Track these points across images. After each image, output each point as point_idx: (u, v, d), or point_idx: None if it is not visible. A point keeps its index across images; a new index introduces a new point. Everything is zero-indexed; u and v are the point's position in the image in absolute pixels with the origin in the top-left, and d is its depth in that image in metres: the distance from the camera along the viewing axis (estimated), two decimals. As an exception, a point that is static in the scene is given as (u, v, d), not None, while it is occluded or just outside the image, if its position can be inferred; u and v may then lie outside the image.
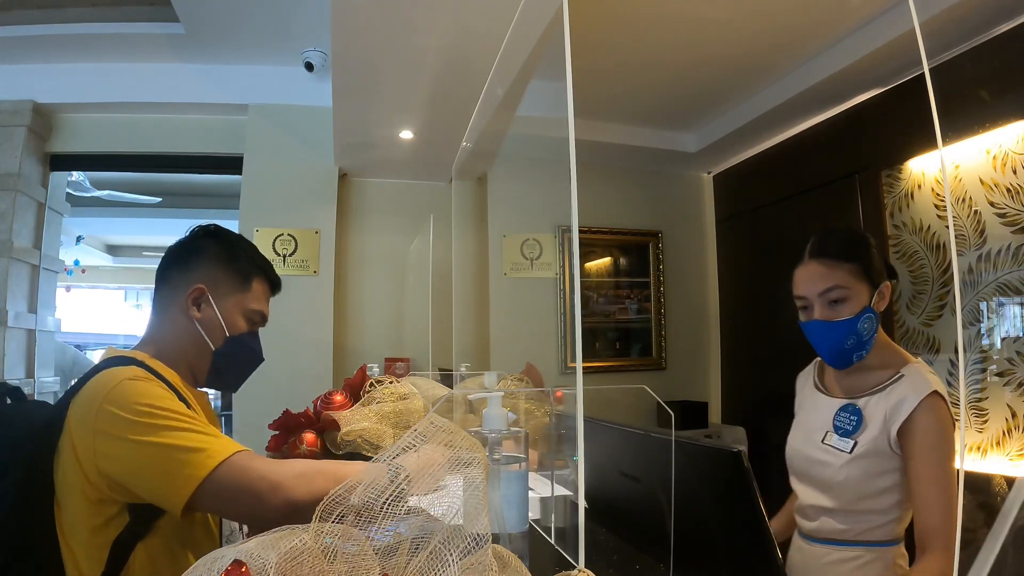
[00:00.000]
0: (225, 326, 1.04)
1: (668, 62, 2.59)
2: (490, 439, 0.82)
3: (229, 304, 1.05)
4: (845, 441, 1.11)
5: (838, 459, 1.10)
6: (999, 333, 2.06)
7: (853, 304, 1.11)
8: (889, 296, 1.16)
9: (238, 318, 1.06)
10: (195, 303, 1.03)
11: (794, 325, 1.21)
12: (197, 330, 1.02)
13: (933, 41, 2.11)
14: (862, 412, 1.11)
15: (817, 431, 1.17)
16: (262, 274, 1.11)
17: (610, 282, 3.48)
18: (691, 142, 3.39)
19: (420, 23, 1.73)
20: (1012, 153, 2.01)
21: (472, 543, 0.50)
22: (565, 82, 0.58)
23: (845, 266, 1.12)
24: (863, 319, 1.10)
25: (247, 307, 1.07)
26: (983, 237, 2.09)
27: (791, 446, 1.24)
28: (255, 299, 1.09)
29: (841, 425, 1.13)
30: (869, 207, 2.55)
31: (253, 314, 1.09)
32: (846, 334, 1.10)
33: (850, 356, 1.13)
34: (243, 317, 1.07)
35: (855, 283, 1.12)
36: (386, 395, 1.19)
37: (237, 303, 1.06)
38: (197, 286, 1.02)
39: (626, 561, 0.97)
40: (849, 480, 1.08)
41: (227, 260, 1.06)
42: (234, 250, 1.09)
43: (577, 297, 1.54)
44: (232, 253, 1.08)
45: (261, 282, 1.11)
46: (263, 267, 1.12)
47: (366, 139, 2.66)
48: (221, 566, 0.45)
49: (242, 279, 1.07)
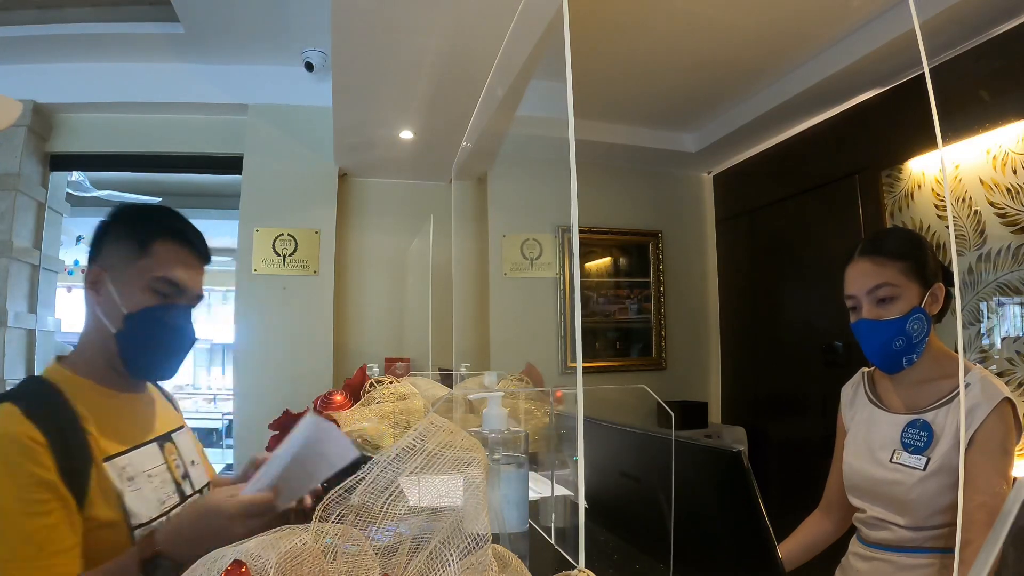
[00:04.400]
0: (121, 303, 0.90)
1: (668, 62, 2.59)
2: (490, 439, 0.82)
3: (126, 278, 0.91)
4: (917, 459, 1.05)
5: (910, 477, 1.05)
6: (999, 333, 2.05)
7: (902, 303, 1.06)
8: (943, 300, 1.10)
9: (137, 292, 0.91)
10: (93, 287, 0.92)
11: (794, 325, 1.21)
12: (99, 318, 0.91)
13: (933, 41, 2.11)
14: (932, 427, 1.05)
15: (882, 449, 1.11)
16: (166, 235, 0.94)
17: (610, 282, 3.48)
18: (691, 142, 3.39)
19: (420, 23, 1.73)
20: (1012, 153, 2.00)
21: (472, 543, 0.50)
22: (565, 82, 0.58)
23: (895, 264, 1.08)
24: (912, 319, 1.06)
25: (149, 276, 0.91)
26: (983, 237, 2.09)
27: (849, 465, 1.18)
28: (159, 265, 0.92)
29: (911, 442, 1.07)
30: (869, 207, 2.55)
31: (157, 283, 0.92)
32: (894, 334, 1.06)
33: (899, 359, 1.08)
34: (145, 289, 0.91)
35: (905, 281, 1.07)
36: (386, 395, 1.19)
37: (136, 274, 0.91)
38: (92, 270, 0.92)
39: (626, 561, 0.97)
40: (923, 498, 1.03)
41: (122, 231, 0.94)
42: (129, 218, 0.96)
43: (577, 297, 1.54)
44: (128, 223, 0.95)
45: (166, 244, 0.94)
46: (170, 227, 0.95)
47: (366, 139, 2.66)
48: (221, 566, 0.45)
49: (138, 245, 0.92)
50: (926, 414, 1.07)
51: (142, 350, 0.93)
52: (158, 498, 0.90)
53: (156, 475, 0.92)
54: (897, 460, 1.08)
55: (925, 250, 1.11)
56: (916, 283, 1.08)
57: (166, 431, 1.01)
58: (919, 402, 1.10)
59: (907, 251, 1.09)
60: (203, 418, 5.93)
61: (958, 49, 2.13)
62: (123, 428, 0.91)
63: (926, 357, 1.10)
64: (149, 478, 0.90)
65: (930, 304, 1.08)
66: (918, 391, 1.11)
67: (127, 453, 0.89)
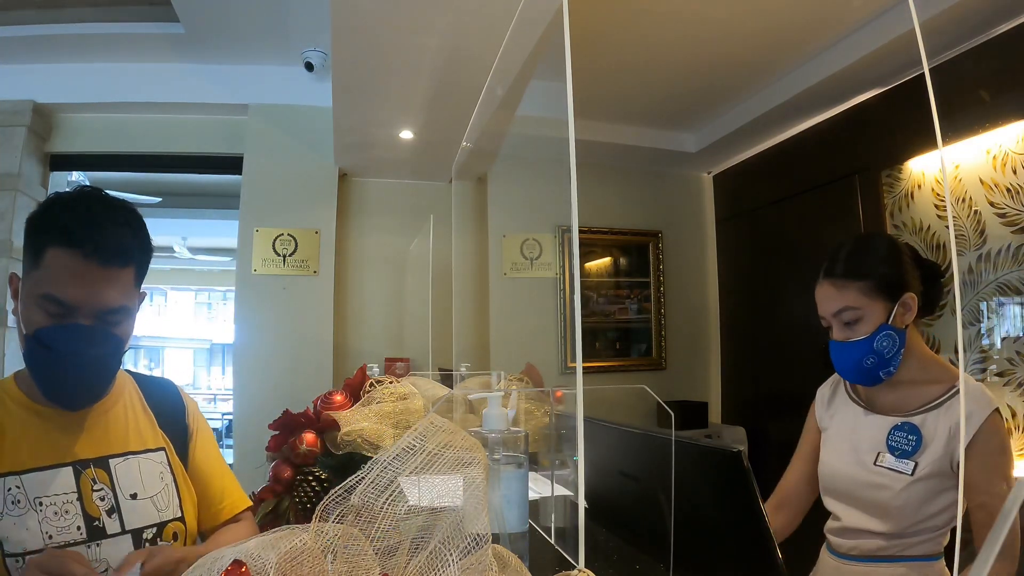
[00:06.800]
0: (23, 324, 0.80)
1: (668, 62, 2.59)
2: (490, 439, 0.82)
3: (24, 292, 0.80)
4: (904, 463, 1.02)
5: (896, 482, 1.02)
6: (999, 333, 2.06)
7: (867, 323, 1.05)
8: (916, 307, 1.08)
9: (32, 310, 0.79)
10: (14, 296, 0.82)
11: (794, 325, 1.21)
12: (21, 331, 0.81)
13: (933, 41, 2.11)
14: (920, 431, 1.03)
15: (866, 451, 1.09)
16: (57, 240, 0.78)
17: (610, 282, 3.48)
18: (691, 142, 3.39)
19: (420, 23, 1.73)
20: (1012, 153, 2.01)
21: (472, 543, 0.50)
22: (565, 82, 0.58)
23: (855, 284, 1.06)
24: (879, 337, 1.04)
25: (35, 292, 0.78)
26: (983, 237, 2.09)
27: (830, 466, 1.15)
28: (48, 279, 0.78)
29: (898, 446, 1.04)
30: (869, 207, 2.55)
31: (43, 301, 0.78)
32: (863, 354, 1.05)
33: (875, 374, 1.06)
34: (35, 307, 0.79)
35: (867, 301, 1.05)
36: (386, 395, 1.19)
37: (30, 289, 0.79)
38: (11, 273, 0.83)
39: (626, 561, 0.97)
40: (908, 504, 1.01)
41: (26, 234, 0.81)
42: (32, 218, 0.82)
43: (577, 297, 1.54)
44: (29, 224, 0.81)
45: (56, 252, 0.78)
46: (61, 229, 0.78)
47: (366, 139, 2.66)
48: (221, 566, 0.45)
49: (32, 255, 0.80)
50: (914, 417, 1.05)
51: (41, 376, 0.81)
52: (46, 530, 0.78)
53: (53, 504, 0.80)
54: (882, 463, 1.06)
55: (892, 261, 1.08)
56: (880, 300, 1.05)
57: (99, 456, 0.87)
58: (906, 405, 1.08)
59: (866, 269, 1.07)
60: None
61: (958, 49, 2.13)
62: (29, 446, 0.81)
63: (911, 361, 1.08)
64: (40, 506, 0.78)
65: (900, 316, 1.06)
66: (905, 393, 1.09)
67: (20, 474, 0.79)
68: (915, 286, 1.08)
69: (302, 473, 1.00)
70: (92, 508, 0.83)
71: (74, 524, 0.80)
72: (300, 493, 0.98)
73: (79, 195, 0.85)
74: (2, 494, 0.76)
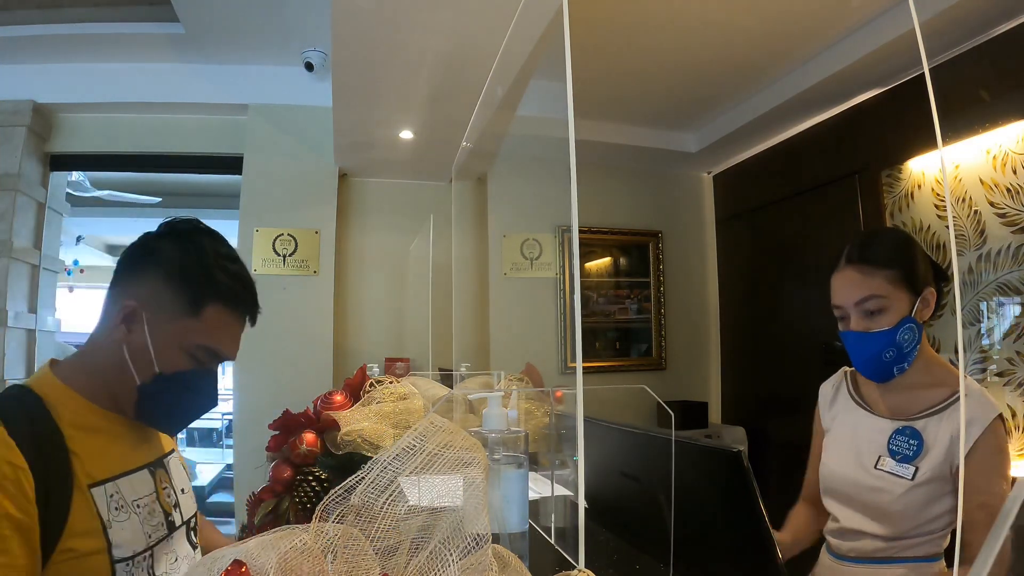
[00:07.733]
0: (156, 360, 0.82)
1: (668, 62, 2.59)
2: (490, 439, 0.82)
3: (167, 332, 0.83)
4: (905, 467, 1.01)
5: (897, 487, 1.01)
6: (999, 333, 2.06)
7: (892, 314, 1.02)
8: (934, 303, 1.06)
9: (175, 353, 0.83)
10: (125, 321, 0.82)
11: (794, 324, 1.20)
12: (123, 355, 0.82)
13: (933, 41, 2.11)
14: (922, 436, 1.01)
15: (867, 454, 1.07)
16: (223, 300, 0.85)
17: (610, 282, 3.48)
18: (691, 142, 3.39)
19: (420, 23, 1.73)
20: (1012, 153, 2.01)
21: (472, 543, 0.50)
22: (565, 82, 0.58)
23: (883, 272, 1.03)
24: (903, 329, 1.01)
25: (190, 340, 0.83)
26: (983, 237, 2.09)
27: (830, 467, 1.14)
28: (205, 332, 0.84)
29: (899, 450, 1.03)
30: (869, 207, 2.55)
31: (199, 351, 0.84)
32: (884, 346, 1.02)
33: (890, 369, 1.04)
34: (182, 352, 0.83)
35: (894, 291, 1.02)
36: (386, 395, 1.19)
37: (177, 333, 0.83)
38: (128, 302, 0.82)
39: (626, 561, 0.97)
40: (908, 508, 1.00)
41: (177, 273, 0.84)
42: (189, 261, 0.85)
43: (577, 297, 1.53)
44: (185, 264, 0.84)
45: (220, 310, 0.85)
46: (228, 290, 0.86)
47: (366, 139, 2.66)
48: (221, 566, 0.45)
49: (188, 303, 0.83)
50: (915, 422, 1.04)
51: (163, 408, 0.86)
52: (145, 531, 0.82)
53: (145, 505, 0.84)
54: (882, 467, 1.04)
55: (915, 254, 1.06)
56: (906, 291, 1.03)
57: (157, 457, 0.92)
58: (908, 408, 1.07)
59: (896, 258, 1.04)
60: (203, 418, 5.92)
61: (958, 49, 2.13)
62: (113, 452, 0.83)
63: (917, 363, 1.06)
64: (138, 508, 0.82)
65: (921, 311, 1.04)
66: (907, 397, 1.07)
67: (115, 480, 0.81)
68: (934, 283, 1.07)
69: (302, 473, 1.00)
70: (166, 505, 0.89)
71: (160, 522, 0.86)
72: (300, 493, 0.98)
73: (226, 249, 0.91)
74: (105, 501, 0.78)
